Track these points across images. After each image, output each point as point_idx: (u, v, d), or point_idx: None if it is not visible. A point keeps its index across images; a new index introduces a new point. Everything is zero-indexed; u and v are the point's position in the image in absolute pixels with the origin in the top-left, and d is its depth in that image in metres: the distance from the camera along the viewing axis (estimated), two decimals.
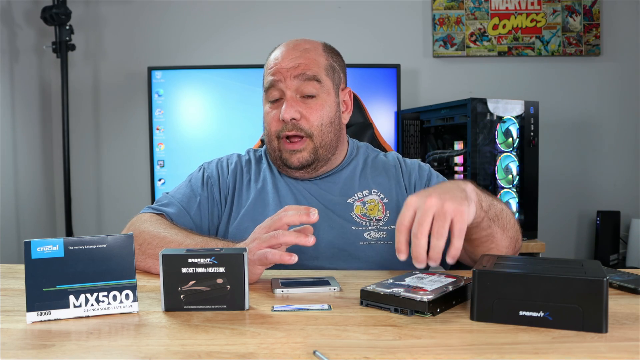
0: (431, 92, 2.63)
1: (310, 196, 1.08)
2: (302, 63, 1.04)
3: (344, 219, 1.05)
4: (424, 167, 1.15)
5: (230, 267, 0.67)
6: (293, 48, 1.07)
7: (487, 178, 2.07)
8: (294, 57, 1.04)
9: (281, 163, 1.07)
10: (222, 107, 2.47)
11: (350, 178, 1.11)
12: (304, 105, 1.04)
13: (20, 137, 2.48)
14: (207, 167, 1.14)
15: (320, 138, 1.05)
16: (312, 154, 1.05)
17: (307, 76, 1.03)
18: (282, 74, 1.04)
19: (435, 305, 0.65)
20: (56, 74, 2.55)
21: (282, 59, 1.05)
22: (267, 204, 1.07)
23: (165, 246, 0.90)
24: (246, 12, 2.64)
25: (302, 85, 1.03)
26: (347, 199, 1.08)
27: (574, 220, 2.71)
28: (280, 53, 1.07)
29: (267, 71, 1.08)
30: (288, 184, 1.10)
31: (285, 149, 1.05)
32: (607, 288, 0.58)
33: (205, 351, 0.54)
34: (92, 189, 2.72)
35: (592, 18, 2.61)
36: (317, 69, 1.05)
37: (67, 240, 0.65)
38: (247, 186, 1.11)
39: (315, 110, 1.04)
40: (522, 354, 0.53)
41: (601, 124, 2.67)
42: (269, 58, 1.10)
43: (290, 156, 1.05)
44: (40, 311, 0.64)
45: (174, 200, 1.07)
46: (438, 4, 2.61)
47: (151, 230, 0.95)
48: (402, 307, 0.66)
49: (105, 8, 2.65)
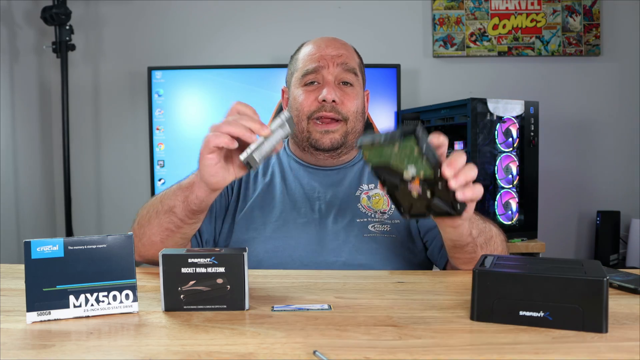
0: (431, 92, 2.63)
1: (319, 189, 1.10)
2: (344, 53, 1.10)
3: (350, 211, 1.07)
4: None
5: (230, 267, 0.67)
6: (333, 39, 1.13)
7: (487, 178, 2.07)
8: (336, 47, 1.10)
9: (308, 144, 1.10)
10: (222, 107, 2.47)
11: (359, 172, 1.14)
12: (341, 91, 1.08)
13: (20, 137, 2.48)
14: None
15: (353, 124, 1.09)
16: (343, 137, 1.09)
17: (348, 67, 1.09)
18: (327, 60, 1.08)
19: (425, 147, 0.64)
20: (56, 74, 2.55)
21: (325, 47, 1.10)
22: (274, 196, 1.09)
23: (150, 206, 0.95)
24: (246, 12, 2.64)
25: (342, 74, 1.08)
26: (355, 192, 1.10)
27: (574, 220, 2.71)
28: (322, 42, 1.12)
29: (307, 58, 1.10)
30: (298, 177, 1.12)
31: (316, 130, 1.08)
32: (607, 288, 0.58)
33: (205, 351, 0.54)
34: (92, 189, 2.71)
35: (592, 18, 2.61)
36: (354, 64, 1.11)
37: (67, 240, 0.65)
38: (254, 180, 1.13)
39: (352, 97, 1.09)
40: (522, 354, 0.53)
41: (601, 124, 2.66)
42: (305, 49, 1.13)
43: (322, 136, 1.08)
44: (40, 311, 0.64)
45: None
46: (438, 4, 2.61)
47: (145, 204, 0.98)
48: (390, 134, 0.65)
49: (105, 8, 2.65)
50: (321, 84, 1.08)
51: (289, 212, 1.07)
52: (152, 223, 0.93)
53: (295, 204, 1.08)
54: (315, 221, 1.06)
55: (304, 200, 1.09)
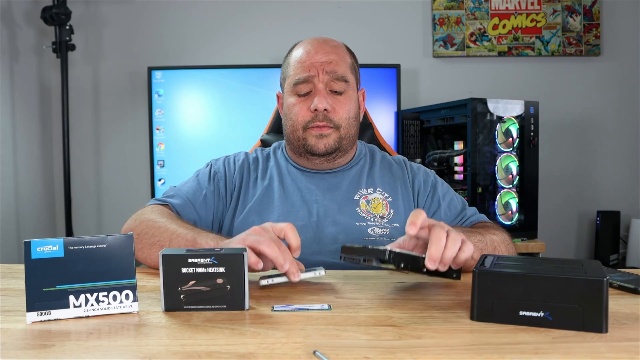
0: (431, 92, 2.63)
1: (317, 192, 1.11)
2: (334, 59, 1.09)
3: (349, 215, 1.07)
4: (430, 173, 1.19)
5: (230, 267, 0.67)
6: (324, 42, 1.11)
7: (487, 178, 2.07)
8: (326, 52, 1.09)
9: (304, 151, 1.11)
10: (222, 107, 2.47)
11: (357, 176, 1.14)
12: (332, 99, 1.08)
13: (20, 137, 2.48)
14: (215, 164, 1.17)
15: (346, 130, 1.10)
16: (337, 142, 1.10)
17: (337, 75, 1.08)
18: (317, 68, 1.07)
19: (399, 259, 0.68)
20: (56, 74, 2.55)
21: (315, 53, 1.09)
22: (272, 200, 1.09)
23: (160, 235, 0.92)
24: (246, 12, 2.64)
25: (331, 82, 1.08)
26: (353, 196, 1.11)
27: (574, 220, 2.71)
28: (312, 47, 1.10)
29: (298, 65, 1.10)
30: (295, 181, 1.13)
31: (312, 134, 1.08)
32: (607, 288, 0.58)
33: (205, 351, 0.54)
34: (92, 189, 2.71)
35: (592, 18, 2.61)
36: (345, 69, 1.10)
37: (67, 240, 0.65)
38: (254, 183, 1.13)
39: (343, 104, 1.09)
40: (522, 354, 0.53)
41: (601, 124, 2.67)
42: (295, 53, 1.12)
43: (317, 142, 1.08)
44: (40, 311, 0.64)
45: (180, 193, 1.09)
46: (438, 4, 2.61)
47: (150, 219, 0.96)
48: (369, 256, 0.69)
49: (105, 8, 2.65)
50: (313, 92, 1.08)
51: (287, 215, 1.07)
52: (153, 250, 0.91)
53: (293, 207, 1.08)
54: (313, 224, 1.06)
55: (302, 203, 1.09)
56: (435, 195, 1.14)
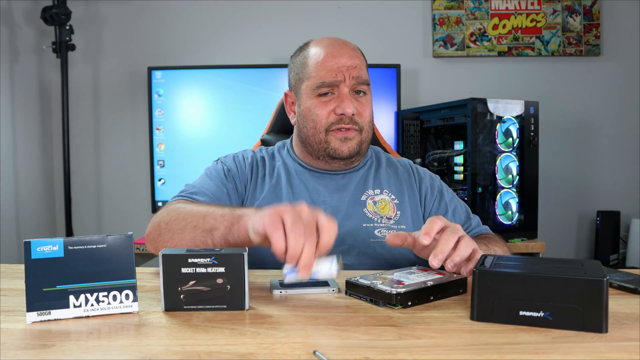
0: (431, 92, 2.63)
1: (324, 193, 1.10)
2: (358, 64, 1.08)
3: (356, 216, 1.07)
4: (435, 177, 1.20)
5: (230, 267, 0.67)
6: (344, 45, 1.10)
7: (487, 178, 2.07)
8: (350, 56, 1.08)
9: (325, 154, 1.09)
10: (222, 107, 2.47)
11: (364, 177, 1.14)
12: (357, 102, 1.08)
13: (20, 137, 2.48)
14: (225, 161, 1.15)
15: (367, 133, 1.11)
16: (359, 146, 1.10)
17: (362, 80, 1.08)
18: (343, 72, 1.06)
19: (406, 298, 0.68)
20: (56, 74, 2.55)
21: (340, 57, 1.07)
22: (280, 199, 1.08)
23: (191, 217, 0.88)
24: (246, 12, 2.64)
25: (357, 85, 1.08)
26: (360, 197, 1.10)
27: (574, 220, 2.71)
28: (335, 50, 1.08)
29: (321, 68, 1.07)
30: (303, 181, 1.12)
31: (336, 137, 1.08)
32: (607, 288, 0.58)
33: (205, 351, 0.54)
34: (92, 189, 2.71)
35: (592, 18, 2.61)
36: (366, 72, 1.11)
37: (67, 240, 0.65)
38: (262, 180, 1.12)
39: (366, 107, 1.10)
40: (522, 354, 0.53)
41: (601, 124, 2.67)
42: (314, 54, 1.09)
43: (341, 145, 1.08)
44: (40, 311, 0.64)
45: (204, 190, 1.06)
46: (438, 4, 2.61)
47: (179, 206, 0.93)
48: (375, 298, 0.69)
49: (105, 8, 2.65)
50: (336, 94, 1.07)
51: None
52: (185, 234, 0.88)
53: None
54: None
55: (309, 204, 1.08)
56: (442, 200, 1.14)
